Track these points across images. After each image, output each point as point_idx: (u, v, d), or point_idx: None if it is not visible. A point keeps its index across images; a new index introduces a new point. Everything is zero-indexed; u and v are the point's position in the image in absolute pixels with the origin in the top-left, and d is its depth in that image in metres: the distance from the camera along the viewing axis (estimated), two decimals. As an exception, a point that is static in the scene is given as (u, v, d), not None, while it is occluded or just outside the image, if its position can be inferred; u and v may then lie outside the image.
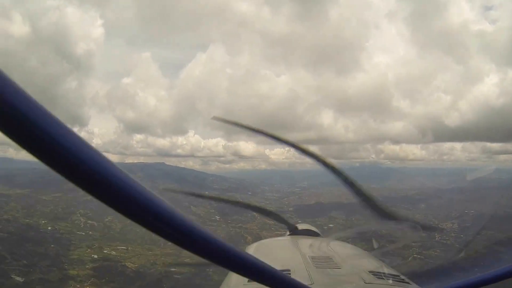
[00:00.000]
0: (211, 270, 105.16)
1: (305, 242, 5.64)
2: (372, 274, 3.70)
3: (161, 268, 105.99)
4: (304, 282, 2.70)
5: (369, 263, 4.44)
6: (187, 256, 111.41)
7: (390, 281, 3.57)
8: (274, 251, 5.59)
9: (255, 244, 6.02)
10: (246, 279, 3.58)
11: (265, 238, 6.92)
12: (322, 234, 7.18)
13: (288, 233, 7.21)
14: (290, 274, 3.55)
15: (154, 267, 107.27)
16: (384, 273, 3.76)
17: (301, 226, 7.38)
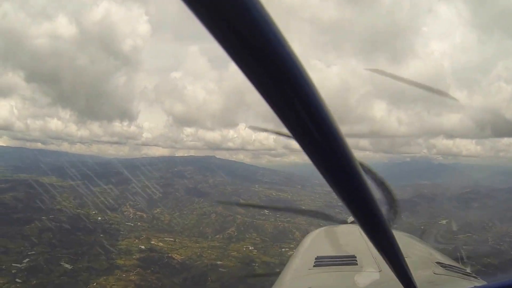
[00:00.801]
0: (256, 265, 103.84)
1: None
2: (440, 266, 3.69)
3: (207, 261, 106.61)
4: (372, 269, 3.29)
5: (435, 255, 4.41)
6: (234, 250, 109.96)
7: (458, 274, 3.53)
8: (337, 237, 5.47)
9: (317, 230, 5.92)
10: (311, 264, 3.71)
11: None
12: None
13: (348, 222, 6.85)
14: (356, 260, 3.64)
15: (200, 260, 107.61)
16: (451, 265, 3.76)
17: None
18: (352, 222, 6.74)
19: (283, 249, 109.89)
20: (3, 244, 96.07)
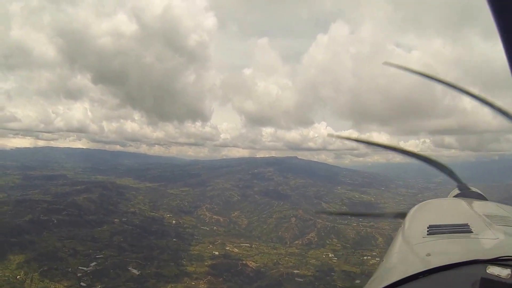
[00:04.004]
0: (335, 275, 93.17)
1: (476, 203, 5.33)
2: None
3: (284, 269, 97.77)
4: (488, 236, 3.30)
5: None
6: (313, 257, 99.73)
7: None
8: (445, 208, 5.34)
9: (424, 202, 5.57)
10: (425, 232, 3.66)
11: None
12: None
13: (453, 194, 6.44)
14: (469, 228, 3.60)
15: (276, 268, 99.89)
16: None
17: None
18: (457, 195, 6.44)
19: (365, 257, 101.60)
20: (72, 246, 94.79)
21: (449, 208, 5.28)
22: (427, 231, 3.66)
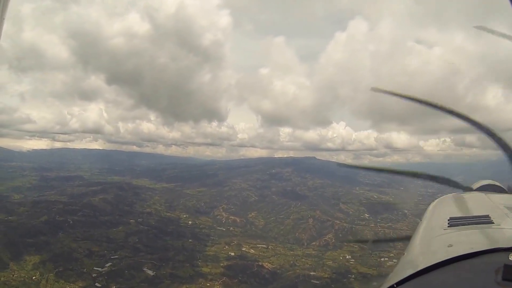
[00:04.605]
0: (352, 277, 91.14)
1: (496, 195, 5.63)
2: None
3: (300, 271, 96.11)
4: (509, 226, 3.42)
5: None
6: (330, 258, 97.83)
7: None
8: (466, 201, 5.48)
9: (444, 197, 5.94)
10: (446, 225, 3.80)
11: None
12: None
13: (474, 189, 6.72)
14: (491, 219, 3.72)
15: (292, 269, 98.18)
16: None
17: (481, 183, 7.06)
18: (477, 189, 6.62)
19: (383, 259, 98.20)
20: (87, 247, 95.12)
21: (469, 201, 5.41)
22: (448, 223, 3.83)
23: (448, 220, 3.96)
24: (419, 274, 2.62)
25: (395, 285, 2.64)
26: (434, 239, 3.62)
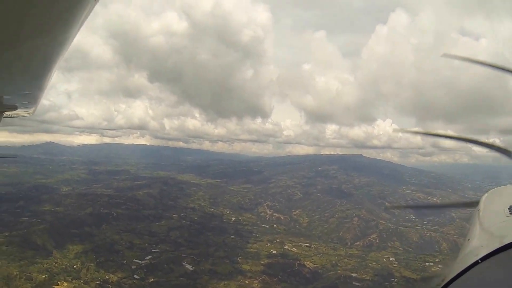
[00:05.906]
0: (395, 280, 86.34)
1: None
2: None
3: (342, 272, 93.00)
4: None
5: None
6: (373, 260, 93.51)
7: None
8: None
9: (497, 188, 5.67)
10: (506, 213, 3.77)
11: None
12: None
13: None
14: None
15: (334, 270, 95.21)
16: None
17: None
18: None
19: (427, 263, 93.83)
20: (129, 239, 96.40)
21: None
22: (509, 211, 3.75)
23: (509, 208, 3.78)
24: (487, 257, 2.60)
25: (479, 261, 2.64)
26: (496, 226, 3.55)
